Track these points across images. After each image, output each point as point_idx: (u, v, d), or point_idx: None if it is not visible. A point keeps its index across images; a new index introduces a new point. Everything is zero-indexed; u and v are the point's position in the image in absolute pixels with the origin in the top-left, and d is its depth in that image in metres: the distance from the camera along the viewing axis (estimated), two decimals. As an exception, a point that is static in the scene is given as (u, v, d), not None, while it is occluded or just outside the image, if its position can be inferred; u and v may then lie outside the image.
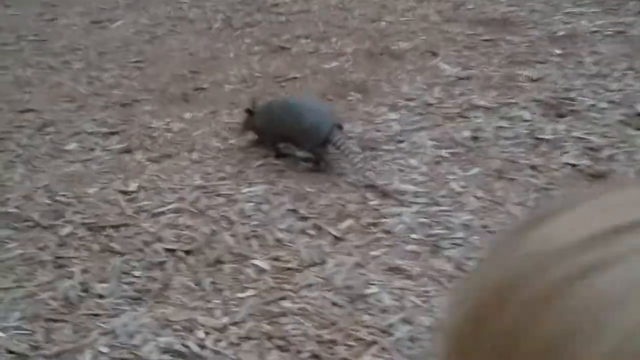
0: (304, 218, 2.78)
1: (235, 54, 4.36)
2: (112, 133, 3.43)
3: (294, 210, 2.82)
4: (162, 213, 2.82)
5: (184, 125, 3.50)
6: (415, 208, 2.83)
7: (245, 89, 3.87)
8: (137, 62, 4.29)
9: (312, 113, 3.05)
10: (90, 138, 3.40)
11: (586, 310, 0.30)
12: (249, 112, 3.24)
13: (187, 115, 3.60)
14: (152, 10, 5.16)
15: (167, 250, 2.61)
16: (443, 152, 3.17)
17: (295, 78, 3.95)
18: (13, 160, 3.23)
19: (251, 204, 2.86)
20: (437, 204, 2.86)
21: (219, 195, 2.92)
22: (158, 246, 2.63)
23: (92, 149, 3.30)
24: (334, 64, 4.10)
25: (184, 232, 2.70)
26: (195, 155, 3.22)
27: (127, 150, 3.28)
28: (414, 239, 2.67)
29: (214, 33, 4.70)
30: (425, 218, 2.78)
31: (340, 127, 3.08)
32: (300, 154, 3.17)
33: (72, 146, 3.33)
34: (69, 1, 5.40)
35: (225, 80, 3.98)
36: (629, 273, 0.30)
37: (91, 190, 2.97)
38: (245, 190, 2.94)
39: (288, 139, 3.16)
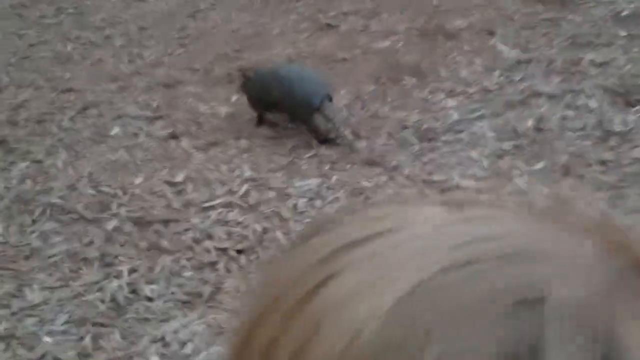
0: (360, 215, 2.63)
1: (280, 30, 4.18)
2: (157, 117, 3.29)
3: (350, 207, 2.67)
4: (212, 207, 2.68)
5: (230, 109, 3.35)
6: (477, 206, 2.67)
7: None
8: (179, 38, 4.13)
9: (303, 83, 3.03)
10: (134, 122, 3.26)
11: (324, 313, 0.35)
12: (245, 77, 3.23)
13: (233, 98, 3.45)
14: (193, -19, 4.98)
15: (218, 249, 2.48)
16: (505, 145, 3.00)
17: (344, 59, 3.77)
18: (55, 144, 3.11)
19: (304, 199, 2.72)
20: (501, 202, 2.69)
21: (270, 188, 2.78)
22: (209, 244, 2.50)
23: (136, 134, 3.16)
24: (386, 43, 3.91)
25: (234, 229, 2.57)
26: (243, 143, 3.08)
27: (173, 137, 3.14)
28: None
29: (257, 7, 4.53)
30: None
31: (330, 99, 3.05)
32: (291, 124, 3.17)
33: (115, 131, 3.20)
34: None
35: (270, 61, 3.81)
36: (349, 281, 0.35)
37: (136, 181, 2.84)
38: (297, 184, 2.80)
39: (278, 108, 3.13)
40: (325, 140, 3.05)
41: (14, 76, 3.68)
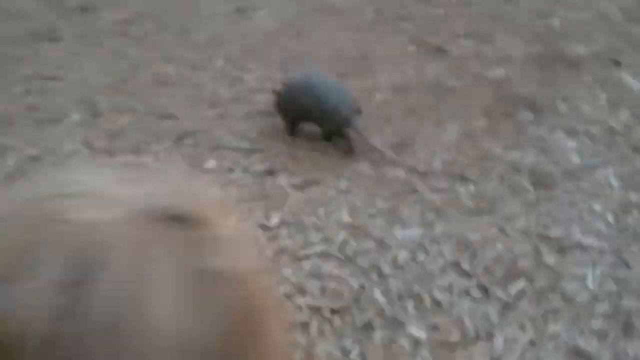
0: (467, 274, 2.40)
1: (387, 53, 3.97)
2: (254, 150, 3.15)
3: (456, 264, 2.45)
4: (306, 257, 2.51)
5: (331, 143, 3.16)
6: (600, 269, 2.40)
7: (397, 99, 3.49)
8: (281, 60, 3.98)
9: (334, 95, 3.06)
10: (231, 155, 3.13)
11: None
12: (276, 93, 3.24)
13: (335, 130, 3.26)
14: (300, -3, 4.83)
15: (311, 307, 2.30)
16: (633, 196, 2.69)
17: (454, 88, 3.53)
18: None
19: (405, 251, 2.50)
20: (627, 265, 2.41)
21: (369, 237, 2.58)
22: (301, 301, 2.33)
23: (231, 170, 3.02)
24: (499, 71, 3.64)
25: (329, 284, 2.38)
26: (343, 184, 2.89)
27: (270, 173, 2.98)
28: (601, 312, 2.24)
29: (363, 27, 4.33)
30: (613, 284, 2.34)
31: (359, 111, 3.09)
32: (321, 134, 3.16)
33: (210, 164, 3.07)
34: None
35: (375, 88, 3.61)
36: None
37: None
38: (398, 234, 2.59)
39: (309, 118, 3.14)
40: (351, 150, 3.08)
41: (114, 100, 3.62)
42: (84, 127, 3.39)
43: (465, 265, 2.43)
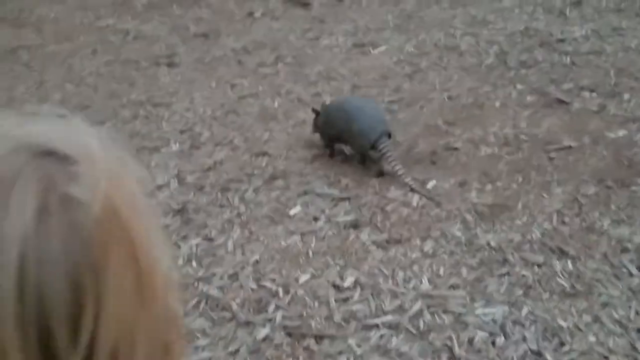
0: (549, 368, 2.17)
1: (502, 103, 3.74)
2: (342, 199, 3.02)
3: (538, 353, 2.22)
4: (375, 326, 2.35)
5: (424, 198, 2.99)
6: None
7: (505, 155, 3.27)
8: (391, 102, 3.84)
9: (364, 117, 3.14)
10: (318, 202, 3.02)
11: None
12: (316, 112, 3.36)
13: (431, 183, 3.09)
14: (421, 35, 4.67)
15: (370, 387, 2.15)
16: None
17: (568, 148, 3.27)
18: (232, 219, 2.94)
19: (483, 333, 2.30)
20: None
21: (446, 311, 2.39)
22: (361, 378, 2.17)
23: (316, 218, 2.91)
24: (621, 132, 3.35)
25: (394, 362, 2.22)
26: (428, 246, 2.71)
27: (354, 226, 2.85)
28: None
29: (483, 71, 4.12)
30: None
31: (389, 135, 3.16)
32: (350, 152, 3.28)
33: (296, 210, 2.97)
34: (339, 17, 5.09)
35: (483, 140, 3.40)
36: None
37: (303, 277, 2.58)
38: (479, 310, 2.38)
39: (340, 139, 3.26)
40: (382, 172, 3.15)
41: (215, 132, 3.60)
42: (180, 159, 3.38)
43: (549, 356, 2.20)
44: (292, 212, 2.96)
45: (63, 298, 0.51)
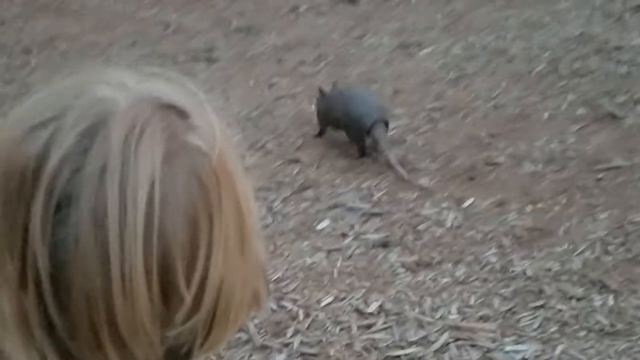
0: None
1: (551, 114, 3.55)
2: (374, 214, 2.89)
3: (568, 400, 2.06)
4: (397, 358, 2.22)
5: (459, 217, 2.84)
6: None
7: (549, 173, 3.09)
8: (431, 109, 3.68)
9: (360, 105, 3.24)
10: (348, 216, 2.89)
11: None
12: (322, 93, 3.44)
13: (468, 202, 2.94)
14: (470, 37, 4.48)
15: None
16: None
17: (617, 168, 3.07)
18: (263, 228, 2.83)
19: (511, 374, 2.15)
20: None
21: (474, 345, 2.25)
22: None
23: (344, 235, 2.78)
24: (678, 154, 3.14)
25: (413, 400, 2.09)
26: (460, 271, 2.57)
27: (384, 245, 2.71)
28: None
29: (532, 79, 3.92)
30: None
31: (386, 124, 3.24)
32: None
33: (324, 224, 2.85)
34: (386, 15, 4.92)
35: (527, 155, 3.22)
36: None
37: (325, 299, 2.46)
38: (509, 347, 2.23)
39: (337, 125, 3.34)
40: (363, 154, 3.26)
41: (248, 134, 3.49)
42: (210, 162, 3.28)
43: (579, 405, 2.04)
44: (320, 226, 2.84)
45: (181, 236, 0.56)
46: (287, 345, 2.29)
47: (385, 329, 2.34)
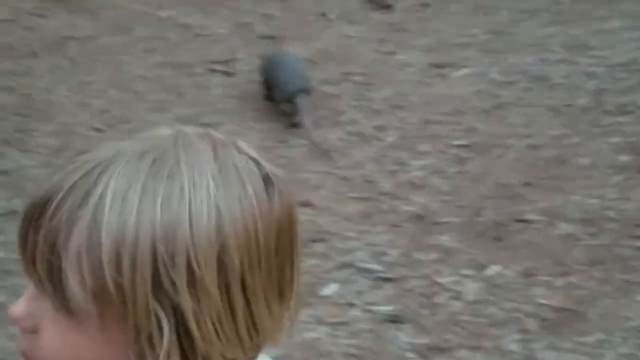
0: None
1: (591, 161, 3.24)
2: (386, 279, 2.62)
3: None
4: None
5: (481, 289, 2.56)
6: None
7: (585, 237, 2.79)
8: (460, 146, 3.39)
9: (288, 72, 3.58)
10: (358, 280, 2.62)
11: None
12: (262, 60, 3.75)
13: (492, 269, 2.65)
14: (510, 58, 4.13)
15: None
16: None
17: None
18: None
19: None
20: None
21: None
22: None
23: (351, 304, 2.52)
24: None
25: None
26: (479, 359, 2.30)
27: (394, 320, 2.45)
28: None
29: (573, 114, 3.60)
30: None
31: (308, 92, 3.53)
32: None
33: (330, 290, 2.59)
34: (421, 26, 4.59)
35: (562, 213, 2.92)
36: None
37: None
38: None
39: (269, 87, 3.62)
40: (292, 125, 3.48)
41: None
42: (215, 201, 3.03)
43: None
44: (326, 291, 2.58)
45: None
46: None
47: None
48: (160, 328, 0.58)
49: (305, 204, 3.00)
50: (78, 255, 0.58)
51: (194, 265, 0.58)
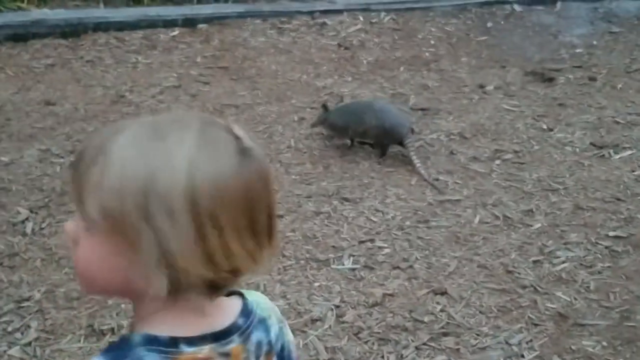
0: None
1: None
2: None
3: None
4: None
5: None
6: None
7: None
8: (615, 239, 3.13)
9: (393, 115, 3.78)
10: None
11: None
12: (325, 107, 3.91)
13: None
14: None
15: None
16: None
17: None
18: None
19: None
20: None
21: None
22: None
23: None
24: None
25: None
26: None
27: None
28: None
29: None
30: None
31: (413, 131, 3.79)
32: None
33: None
34: (584, 101, 4.35)
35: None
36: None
37: None
38: None
39: (363, 135, 3.82)
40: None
41: (397, 248, 3.14)
42: (348, 283, 2.98)
43: None
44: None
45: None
46: None
47: None
48: (148, 243, 0.81)
49: (440, 292, 2.89)
50: (93, 188, 0.83)
51: (170, 199, 0.80)
